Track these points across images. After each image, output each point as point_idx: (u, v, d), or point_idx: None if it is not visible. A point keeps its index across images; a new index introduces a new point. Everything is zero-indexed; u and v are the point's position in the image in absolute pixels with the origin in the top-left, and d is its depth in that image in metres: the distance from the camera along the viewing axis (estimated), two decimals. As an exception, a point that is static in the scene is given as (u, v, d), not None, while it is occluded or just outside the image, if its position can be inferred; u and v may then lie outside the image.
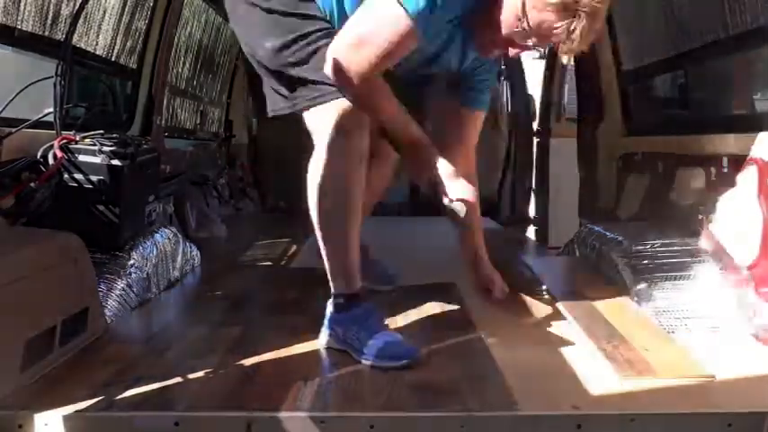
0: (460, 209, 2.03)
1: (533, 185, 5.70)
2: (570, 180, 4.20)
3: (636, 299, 2.49)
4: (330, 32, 1.93)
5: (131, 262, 2.65)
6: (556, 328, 2.39)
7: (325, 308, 2.19)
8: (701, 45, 2.84)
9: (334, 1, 1.98)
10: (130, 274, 2.61)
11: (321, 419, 1.64)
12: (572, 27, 1.75)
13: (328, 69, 1.86)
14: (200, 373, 1.91)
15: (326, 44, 1.89)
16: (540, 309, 2.61)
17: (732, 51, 2.74)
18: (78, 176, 2.56)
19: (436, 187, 2.04)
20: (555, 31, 1.78)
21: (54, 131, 2.55)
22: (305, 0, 1.99)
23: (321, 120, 1.95)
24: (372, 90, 1.88)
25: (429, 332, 2.35)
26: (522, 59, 5.99)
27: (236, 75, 5.94)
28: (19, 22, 2.62)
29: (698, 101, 3.05)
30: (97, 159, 2.58)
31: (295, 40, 1.95)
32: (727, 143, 2.53)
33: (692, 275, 2.47)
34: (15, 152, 2.41)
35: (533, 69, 6.15)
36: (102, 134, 2.65)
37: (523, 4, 1.80)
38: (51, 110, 2.57)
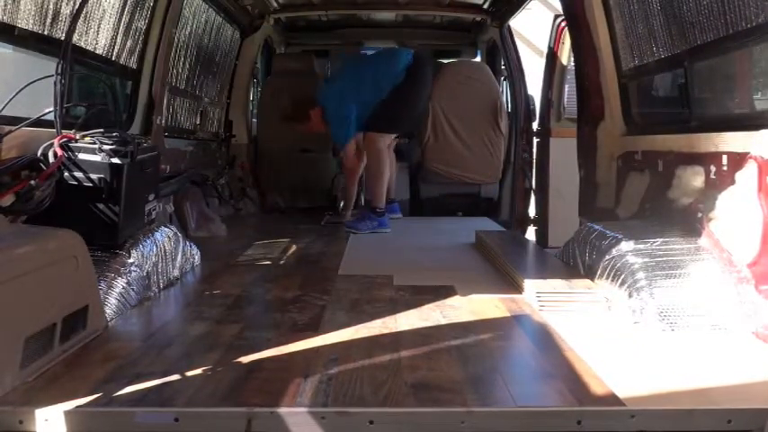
0: None
1: (533, 185, 5.70)
2: (570, 180, 4.20)
3: (636, 296, 2.49)
4: None
5: (131, 260, 2.65)
6: (554, 326, 2.40)
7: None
8: (701, 43, 2.84)
9: None
10: (130, 272, 2.62)
11: (321, 415, 1.64)
12: None
13: None
14: (200, 370, 1.91)
15: None
16: (537, 308, 2.62)
17: (731, 49, 2.74)
18: (78, 175, 2.57)
19: None
20: None
21: (54, 130, 2.55)
22: None
23: None
24: None
25: (429, 332, 2.35)
26: (522, 59, 6.00)
27: (235, 75, 5.94)
28: (19, 21, 2.62)
29: (697, 99, 3.05)
30: (97, 158, 2.59)
31: None
32: (727, 141, 2.53)
33: (692, 273, 2.47)
34: (16, 150, 2.42)
35: (533, 69, 6.15)
36: (102, 133, 2.65)
37: None
38: (52, 108, 2.57)
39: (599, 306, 2.62)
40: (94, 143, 2.59)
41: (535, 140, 5.71)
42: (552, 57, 5.44)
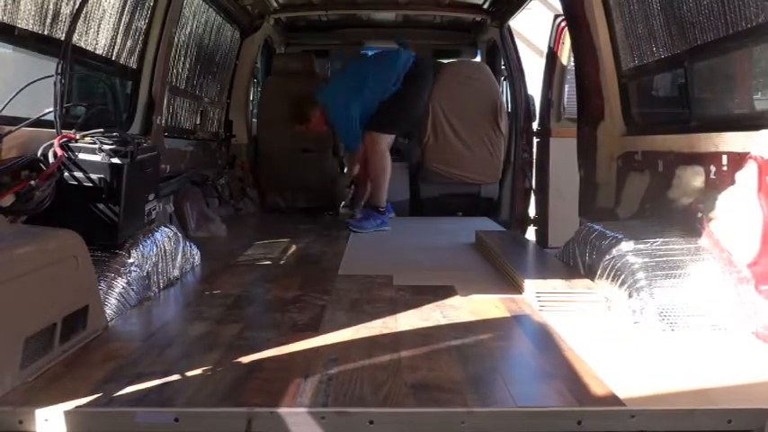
0: None
1: (533, 185, 5.70)
2: (570, 180, 4.21)
3: (636, 296, 2.49)
4: None
5: (131, 260, 2.65)
6: (554, 326, 2.40)
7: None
8: (701, 43, 2.84)
9: None
10: (130, 272, 2.62)
11: (321, 415, 1.64)
12: None
13: None
14: (201, 370, 1.91)
15: None
16: (536, 308, 2.62)
17: (731, 50, 2.74)
18: (78, 175, 2.57)
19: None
20: None
21: (54, 130, 2.55)
22: None
23: None
24: None
25: (429, 332, 2.35)
26: (522, 59, 6.00)
27: (235, 75, 5.94)
28: (19, 21, 2.62)
29: (697, 99, 3.05)
30: (97, 158, 2.58)
31: None
32: (727, 141, 2.53)
33: (692, 273, 2.47)
34: (16, 150, 2.42)
35: (533, 69, 6.15)
36: (102, 133, 2.65)
37: None
38: (52, 108, 2.57)
39: (599, 306, 2.62)
40: (94, 143, 2.58)
41: (535, 140, 5.72)
42: (552, 57, 5.44)
